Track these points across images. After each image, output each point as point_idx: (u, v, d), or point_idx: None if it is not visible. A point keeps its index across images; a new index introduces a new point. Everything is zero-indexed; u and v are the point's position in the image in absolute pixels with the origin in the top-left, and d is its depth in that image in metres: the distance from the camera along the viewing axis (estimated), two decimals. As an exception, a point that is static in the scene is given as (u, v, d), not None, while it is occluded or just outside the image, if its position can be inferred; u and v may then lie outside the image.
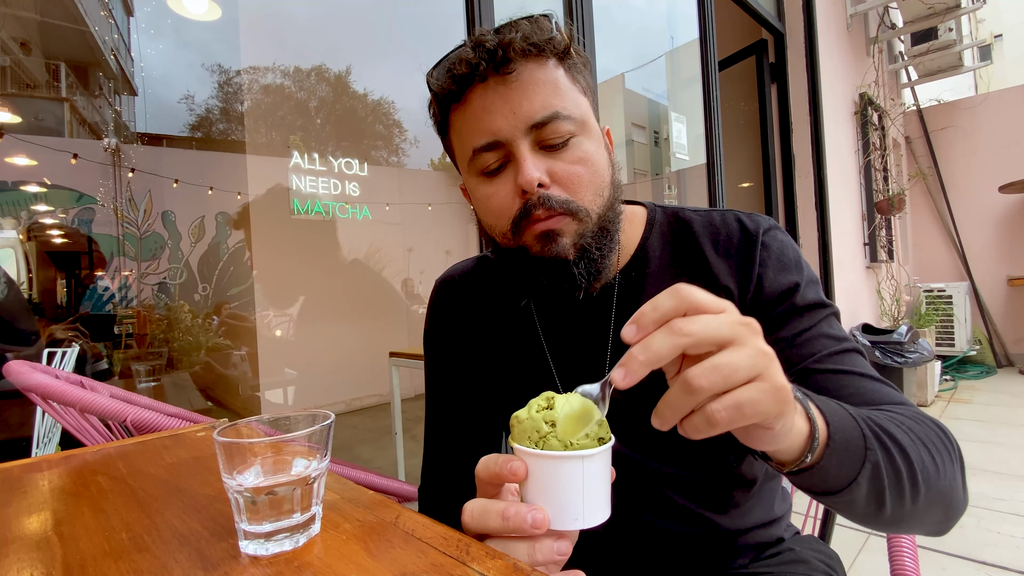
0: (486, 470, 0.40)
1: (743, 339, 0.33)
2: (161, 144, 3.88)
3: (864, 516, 0.45)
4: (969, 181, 5.24)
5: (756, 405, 0.32)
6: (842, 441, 0.40)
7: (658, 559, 0.63)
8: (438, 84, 0.57)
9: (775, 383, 0.33)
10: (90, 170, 3.37)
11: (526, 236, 0.56)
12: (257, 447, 0.39)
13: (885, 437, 0.43)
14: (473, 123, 0.56)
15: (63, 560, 0.38)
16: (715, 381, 0.31)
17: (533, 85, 0.54)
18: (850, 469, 0.40)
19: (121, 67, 4.85)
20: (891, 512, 0.43)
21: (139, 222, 3.43)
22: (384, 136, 4.24)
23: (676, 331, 0.32)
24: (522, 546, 0.38)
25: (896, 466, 0.42)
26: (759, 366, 0.33)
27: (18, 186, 3.20)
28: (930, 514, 0.46)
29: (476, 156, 0.56)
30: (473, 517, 0.39)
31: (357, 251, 3.69)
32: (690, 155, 3.15)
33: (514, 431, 0.41)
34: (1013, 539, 1.91)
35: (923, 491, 0.44)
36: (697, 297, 0.34)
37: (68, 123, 4.34)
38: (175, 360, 3.31)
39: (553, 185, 0.55)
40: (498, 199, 0.56)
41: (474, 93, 0.55)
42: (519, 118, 0.54)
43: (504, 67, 0.53)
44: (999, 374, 4.75)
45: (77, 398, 0.83)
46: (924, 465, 0.44)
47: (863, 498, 0.42)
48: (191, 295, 3.54)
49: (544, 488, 0.38)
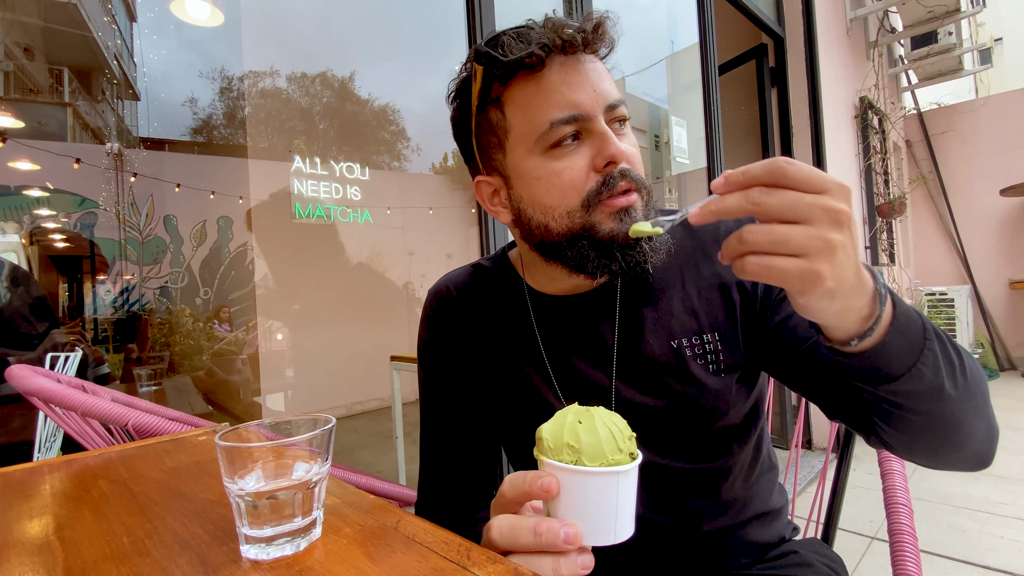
0: (513, 488, 0.40)
1: (815, 220, 0.35)
2: (163, 148, 3.89)
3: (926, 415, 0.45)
4: (970, 184, 5.24)
5: (783, 276, 0.36)
6: (905, 323, 0.41)
7: (658, 556, 0.63)
8: (511, 49, 0.55)
9: (813, 268, 0.35)
10: (92, 174, 3.38)
11: (599, 213, 0.55)
12: (258, 451, 0.39)
13: (939, 330, 0.45)
14: (551, 95, 0.55)
15: (64, 564, 0.38)
16: (761, 242, 0.36)
17: (603, 71, 0.58)
18: (912, 353, 0.42)
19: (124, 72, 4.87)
20: (949, 405, 0.44)
21: (141, 226, 3.44)
22: (385, 140, 4.25)
23: (750, 199, 0.36)
24: (547, 561, 0.37)
25: (950, 356, 0.44)
26: (811, 247, 0.35)
27: (21, 190, 3.21)
28: (979, 420, 0.47)
29: (553, 129, 0.55)
30: (502, 534, 0.39)
31: (358, 255, 3.70)
32: (691, 159, 3.16)
33: (541, 444, 0.40)
34: (1016, 544, 1.90)
35: (974, 389, 0.45)
36: (789, 173, 0.35)
37: (71, 128, 4.36)
38: (176, 364, 3.32)
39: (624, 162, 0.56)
40: (572, 173, 0.56)
41: (553, 65, 0.55)
42: (600, 96, 0.55)
43: (592, 45, 0.56)
44: (1002, 377, 4.73)
45: (79, 402, 0.83)
46: (970, 364, 0.46)
47: (925, 386, 0.43)
48: (193, 299, 3.55)
49: (578, 504, 0.38)
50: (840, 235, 0.35)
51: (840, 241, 0.35)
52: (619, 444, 0.38)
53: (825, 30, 3.57)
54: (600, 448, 0.38)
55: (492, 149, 0.61)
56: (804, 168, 0.35)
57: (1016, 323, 5.00)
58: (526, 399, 0.65)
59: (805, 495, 2.45)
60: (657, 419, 0.60)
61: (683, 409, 0.60)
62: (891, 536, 0.69)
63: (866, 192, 4.24)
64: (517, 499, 0.40)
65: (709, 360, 0.60)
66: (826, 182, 0.35)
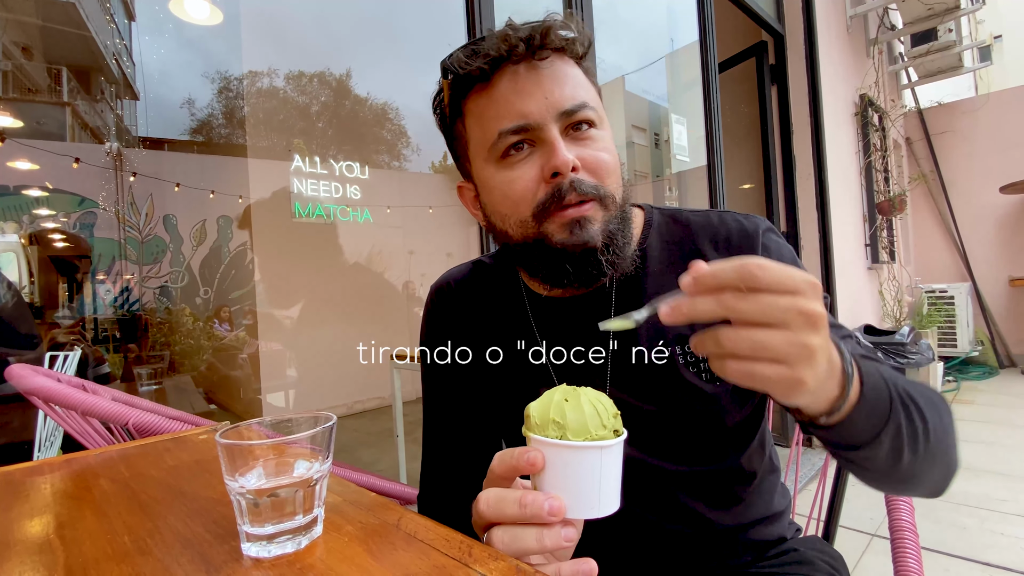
0: (502, 464, 0.41)
1: (791, 325, 0.35)
2: (163, 148, 3.89)
3: (880, 472, 0.47)
4: (970, 182, 5.23)
5: (765, 383, 0.36)
6: (873, 398, 0.42)
7: (659, 556, 0.63)
8: (462, 64, 0.56)
9: (795, 376, 0.35)
10: (92, 174, 3.38)
11: (551, 224, 0.56)
12: (259, 449, 0.39)
13: (907, 398, 0.45)
14: (501, 105, 0.55)
15: (65, 564, 0.38)
16: (742, 350, 0.35)
17: (563, 75, 0.56)
18: (875, 426, 0.43)
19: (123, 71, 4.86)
20: (905, 467, 0.46)
21: (141, 226, 3.44)
22: (385, 139, 4.24)
23: (723, 305, 0.35)
24: (531, 532, 0.38)
25: (914, 425, 0.45)
26: (792, 355, 0.35)
27: (20, 190, 3.21)
28: (934, 472, 0.49)
29: (501, 139, 0.55)
30: (489, 505, 0.40)
31: (358, 254, 3.69)
32: (691, 157, 3.15)
33: (529, 422, 0.41)
34: (1017, 540, 1.90)
35: (935, 450, 0.46)
36: (760, 277, 0.34)
37: (70, 127, 4.36)
38: (176, 364, 3.32)
39: (582, 171, 0.55)
40: (522, 183, 0.56)
41: (504, 75, 0.55)
42: (551, 103, 0.54)
43: (539, 53, 0.54)
44: (1001, 375, 4.73)
45: (79, 401, 0.83)
46: (935, 426, 0.46)
47: (884, 454, 0.44)
48: (193, 299, 3.55)
49: (562, 477, 0.39)
50: (818, 338, 0.35)
51: (819, 344, 0.35)
52: (603, 421, 0.39)
53: (825, 27, 3.56)
54: (585, 424, 0.39)
55: (463, 158, 0.63)
56: (775, 269, 0.35)
57: (1016, 320, 5.00)
58: (525, 394, 0.65)
59: (806, 493, 2.45)
60: (652, 422, 0.60)
61: (677, 414, 0.60)
62: (892, 533, 0.69)
63: (866, 190, 4.24)
64: (505, 474, 0.41)
65: (702, 368, 0.60)
66: (798, 282, 0.35)
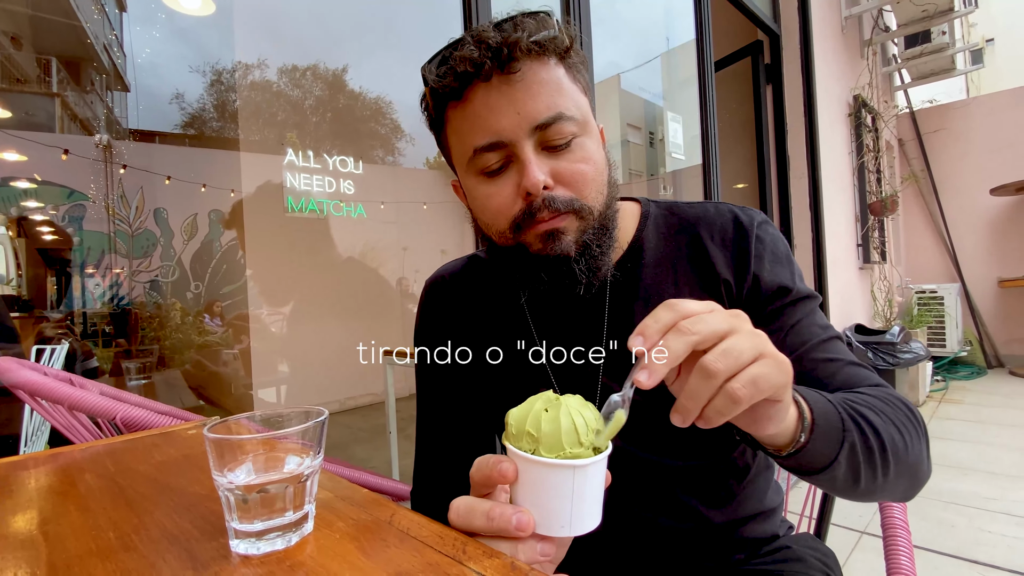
0: (478, 471, 0.41)
1: (739, 328, 0.38)
2: (153, 140, 3.84)
3: (842, 489, 0.50)
4: (961, 183, 5.28)
5: (768, 378, 0.36)
6: (824, 424, 0.44)
7: (653, 553, 0.62)
8: (436, 80, 0.55)
9: (777, 357, 0.38)
10: (81, 166, 3.33)
11: (528, 235, 0.56)
12: (248, 444, 0.38)
13: (860, 419, 0.48)
14: (475, 122, 0.54)
15: (48, 560, 0.37)
16: (729, 363, 0.36)
17: (537, 85, 0.53)
18: (831, 449, 0.45)
19: (113, 62, 4.80)
20: (865, 485, 0.48)
21: (131, 219, 3.40)
22: (380, 134, 4.22)
23: (685, 331, 0.37)
24: (506, 546, 0.38)
25: (869, 445, 0.47)
26: (759, 346, 0.37)
27: (8, 182, 3.16)
28: (898, 484, 0.51)
29: (477, 156, 0.55)
30: (459, 515, 0.39)
31: (352, 250, 3.67)
32: (686, 156, 3.16)
33: (508, 429, 0.40)
34: (1005, 538, 1.92)
35: (892, 466, 0.49)
36: (689, 307, 0.38)
37: (59, 119, 4.30)
38: (167, 358, 3.28)
39: (557, 185, 0.55)
40: (499, 199, 0.56)
41: (476, 92, 0.54)
42: (523, 119, 0.53)
43: (509, 66, 0.52)
44: (989, 375, 4.79)
45: (66, 395, 0.82)
46: (894, 442, 0.49)
47: (842, 474, 0.47)
48: (183, 293, 3.51)
49: (532, 493, 0.38)
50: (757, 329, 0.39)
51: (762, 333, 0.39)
52: (580, 437, 0.38)
53: (820, 28, 3.58)
54: (559, 439, 0.37)
55: (451, 161, 0.63)
56: (685, 301, 0.39)
57: (1004, 321, 5.06)
58: (521, 386, 0.65)
59: (797, 490, 2.47)
60: (647, 416, 0.60)
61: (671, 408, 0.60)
62: (884, 531, 0.69)
63: (859, 190, 4.27)
64: (482, 482, 0.40)
65: None
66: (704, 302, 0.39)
